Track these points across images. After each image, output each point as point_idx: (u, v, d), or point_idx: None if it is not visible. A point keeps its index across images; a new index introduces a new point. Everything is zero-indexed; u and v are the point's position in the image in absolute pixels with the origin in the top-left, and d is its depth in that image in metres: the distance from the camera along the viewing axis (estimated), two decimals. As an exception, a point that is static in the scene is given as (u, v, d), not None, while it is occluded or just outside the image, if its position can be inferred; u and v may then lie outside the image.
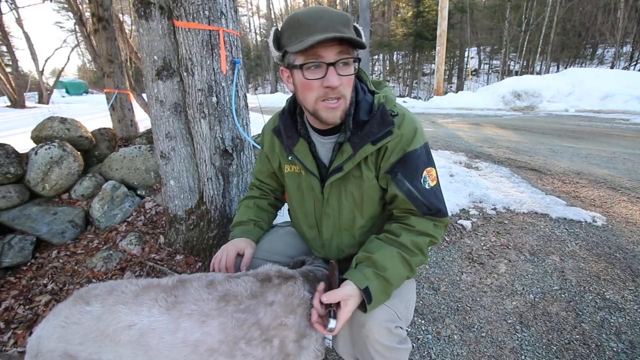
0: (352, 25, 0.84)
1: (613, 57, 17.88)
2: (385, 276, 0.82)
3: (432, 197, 0.89)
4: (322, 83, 0.81)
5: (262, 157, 1.16)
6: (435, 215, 0.90)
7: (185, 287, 0.81)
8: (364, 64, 12.65)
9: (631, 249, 2.02)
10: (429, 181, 0.90)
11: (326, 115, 0.85)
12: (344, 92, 0.83)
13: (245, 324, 0.78)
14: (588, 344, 1.39)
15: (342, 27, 0.79)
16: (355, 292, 0.79)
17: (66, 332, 0.73)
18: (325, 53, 0.79)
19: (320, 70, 0.80)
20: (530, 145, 4.80)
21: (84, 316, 0.74)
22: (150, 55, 1.75)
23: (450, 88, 23.88)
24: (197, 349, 0.74)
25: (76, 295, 0.79)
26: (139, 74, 11.36)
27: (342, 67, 0.81)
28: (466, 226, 2.37)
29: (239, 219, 1.17)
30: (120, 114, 4.06)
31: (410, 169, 0.88)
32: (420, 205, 0.89)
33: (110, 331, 0.72)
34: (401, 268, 0.85)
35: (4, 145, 2.25)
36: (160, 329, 0.73)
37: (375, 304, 0.81)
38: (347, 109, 0.87)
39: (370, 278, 0.81)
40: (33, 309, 1.71)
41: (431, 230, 0.89)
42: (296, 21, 0.80)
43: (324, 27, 0.77)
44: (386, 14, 30.14)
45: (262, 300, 0.82)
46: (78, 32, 12.08)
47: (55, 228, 2.21)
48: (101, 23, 3.73)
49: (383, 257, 0.84)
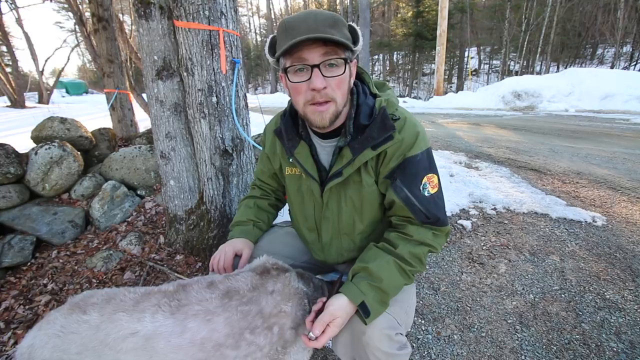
0: (343, 25, 0.81)
1: (613, 57, 17.87)
2: (381, 287, 0.82)
3: (430, 205, 0.87)
4: (308, 86, 0.79)
5: (263, 158, 1.16)
6: (434, 224, 0.88)
7: (186, 290, 0.82)
8: (364, 64, 12.65)
9: (631, 249, 2.02)
10: (429, 188, 0.87)
11: (314, 118, 0.84)
12: (332, 94, 0.81)
13: (250, 314, 0.80)
14: (588, 344, 1.39)
15: (328, 28, 0.76)
16: (348, 307, 0.81)
17: (62, 342, 0.72)
18: (309, 55, 0.77)
19: (306, 73, 0.79)
20: (530, 145, 4.80)
21: (81, 325, 0.73)
22: (150, 55, 1.75)
23: (450, 88, 23.88)
24: (204, 347, 0.74)
25: (72, 304, 0.78)
26: (139, 74, 11.35)
27: (328, 69, 0.79)
28: (466, 226, 2.37)
29: (239, 218, 1.17)
30: (120, 114, 4.06)
31: (409, 175, 0.86)
32: (418, 213, 0.87)
33: (110, 340, 0.72)
34: (398, 277, 0.85)
35: (4, 145, 2.25)
36: (167, 333, 0.74)
37: (374, 317, 0.81)
38: (338, 112, 0.84)
39: (365, 292, 0.81)
40: (33, 309, 1.71)
41: (430, 240, 0.88)
42: (284, 26, 0.80)
43: (307, 29, 0.75)
44: (386, 14, 30.14)
45: (263, 291, 0.84)
46: (78, 32, 12.09)
47: (55, 228, 2.21)
48: (101, 23, 3.73)
49: (379, 267, 0.84)
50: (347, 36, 0.82)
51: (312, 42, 0.76)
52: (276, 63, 0.86)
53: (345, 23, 0.82)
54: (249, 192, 1.26)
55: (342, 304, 0.81)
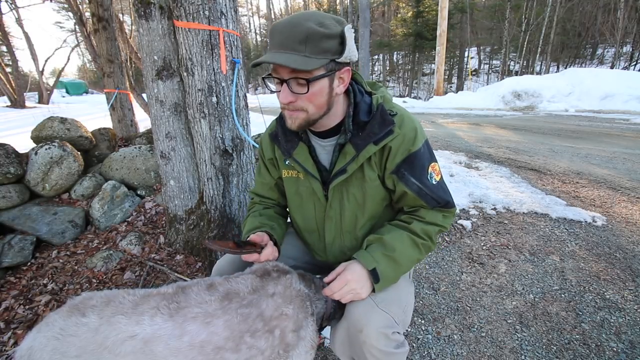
0: (322, 37, 0.76)
1: (613, 57, 17.86)
2: (394, 257, 0.87)
3: (439, 191, 0.92)
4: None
5: (261, 170, 1.12)
6: (444, 207, 0.94)
7: (185, 292, 0.81)
8: (364, 64, 12.64)
9: (631, 249, 2.02)
10: (434, 176, 0.92)
11: (288, 122, 0.88)
12: (304, 106, 0.82)
13: (250, 317, 0.79)
14: (588, 344, 1.39)
15: (297, 44, 0.75)
16: (362, 272, 0.86)
17: (61, 344, 0.72)
18: (280, 70, 0.80)
19: (279, 84, 0.83)
20: (530, 145, 4.80)
21: (80, 328, 0.73)
22: (150, 55, 1.76)
23: (450, 88, 23.88)
24: (203, 350, 0.74)
25: (71, 306, 0.78)
26: (139, 74, 11.35)
27: (298, 85, 0.80)
28: (466, 226, 2.37)
29: (249, 227, 1.04)
30: (120, 114, 4.07)
31: (417, 168, 0.90)
32: (429, 201, 0.92)
33: (109, 343, 0.71)
34: (410, 250, 0.90)
35: (4, 145, 2.25)
36: (166, 336, 0.73)
37: (384, 284, 0.86)
38: (310, 120, 0.85)
39: (378, 260, 0.86)
40: (33, 309, 1.71)
41: (440, 221, 0.94)
42: (270, 31, 0.83)
43: (277, 44, 0.78)
44: (386, 14, 30.15)
45: (263, 293, 0.84)
46: (78, 32, 12.08)
47: (55, 228, 2.21)
48: (101, 23, 3.73)
49: (393, 238, 0.89)
50: (324, 49, 0.77)
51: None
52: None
53: (327, 34, 0.76)
54: (250, 210, 1.16)
55: (355, 268, 0.87)
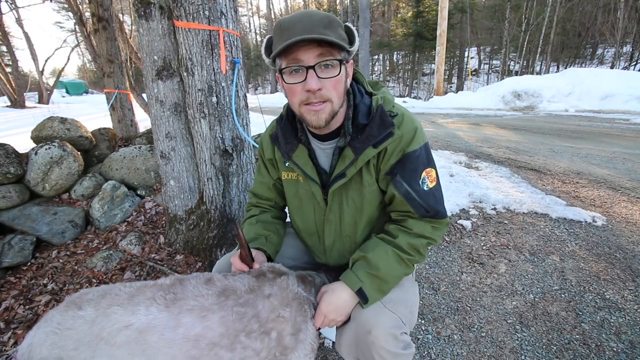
0: (339, 25, 0.80)
1: (613, 57, 17.87)
2: (379, 275, 0.85)
3: (430, 199, 0.88)
4: (303, 87, 0.79)
5: (261, 169, 1.12)
6: (433, 217, 0.90)
7: (183, 285, 0.81)
8: (364, 64, 12.64)
9: (631, 249, 2.02)
10: (427, 182, 0.88)
11: (310, 118, 0.83)
12: (328, 95, 0.80)
13: (245, 317, 0.79)
14: (588, 344, 1.39)
15: (323, 28, 0.76)
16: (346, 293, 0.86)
17: (59, 339, 0.72)
18: (304, 56, 0.77)
19: (301, 74, 0.79)
20: (530, 145, 4.80)
21: (77, 321, 0.73)
22: (150, 55, 1.75)
23: (450, 88, 23.87)
24: (198, 344, 0.74)
25: (68, 301, 0.78)
26: (139, 74, 11.35)
27: (324, 70, 0.78)
28: (466, 226, 2.37)
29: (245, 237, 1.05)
30: (120, 114, 4.07)
31: (408, 170, 0.87)
32: (417, 207, 0.88)
33: (105, 334, 0.71)
34: (396, 266, 0.87)
35: (4, 145, 2.25)
36: (160, 326, 0.73)
37: (372, 302, 0.85)
38: (334, 112, 0.84)
39: (363, 279, 0.85)
40: (33, 309, 1.71)
41: (429, 233, 0.89)
42: (279, 26, 0.80)
43: (302, 30, 0.75)
44: (386, 14, 30.14)
45: (260, 294, 0.83)
46: (78, 32, 12.08)
47: (55, 228, 2.21)
48: (101, 23, 3.73)
49: (377, 256, 0.87)
50: (343, 37, 0.81)
51: (307, 43, 0.76)
52: (272, 64, 0.86)
53: (340, 23, 0.81)
54: (247, 214, 1.16)
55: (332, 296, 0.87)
